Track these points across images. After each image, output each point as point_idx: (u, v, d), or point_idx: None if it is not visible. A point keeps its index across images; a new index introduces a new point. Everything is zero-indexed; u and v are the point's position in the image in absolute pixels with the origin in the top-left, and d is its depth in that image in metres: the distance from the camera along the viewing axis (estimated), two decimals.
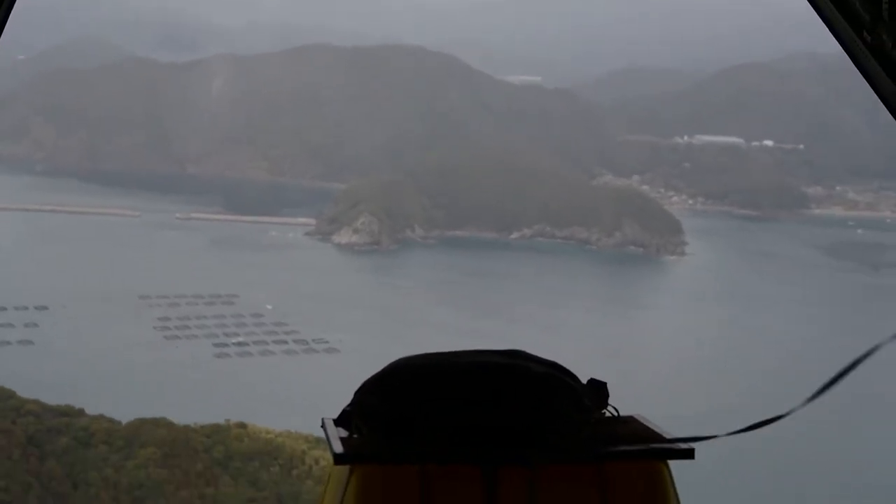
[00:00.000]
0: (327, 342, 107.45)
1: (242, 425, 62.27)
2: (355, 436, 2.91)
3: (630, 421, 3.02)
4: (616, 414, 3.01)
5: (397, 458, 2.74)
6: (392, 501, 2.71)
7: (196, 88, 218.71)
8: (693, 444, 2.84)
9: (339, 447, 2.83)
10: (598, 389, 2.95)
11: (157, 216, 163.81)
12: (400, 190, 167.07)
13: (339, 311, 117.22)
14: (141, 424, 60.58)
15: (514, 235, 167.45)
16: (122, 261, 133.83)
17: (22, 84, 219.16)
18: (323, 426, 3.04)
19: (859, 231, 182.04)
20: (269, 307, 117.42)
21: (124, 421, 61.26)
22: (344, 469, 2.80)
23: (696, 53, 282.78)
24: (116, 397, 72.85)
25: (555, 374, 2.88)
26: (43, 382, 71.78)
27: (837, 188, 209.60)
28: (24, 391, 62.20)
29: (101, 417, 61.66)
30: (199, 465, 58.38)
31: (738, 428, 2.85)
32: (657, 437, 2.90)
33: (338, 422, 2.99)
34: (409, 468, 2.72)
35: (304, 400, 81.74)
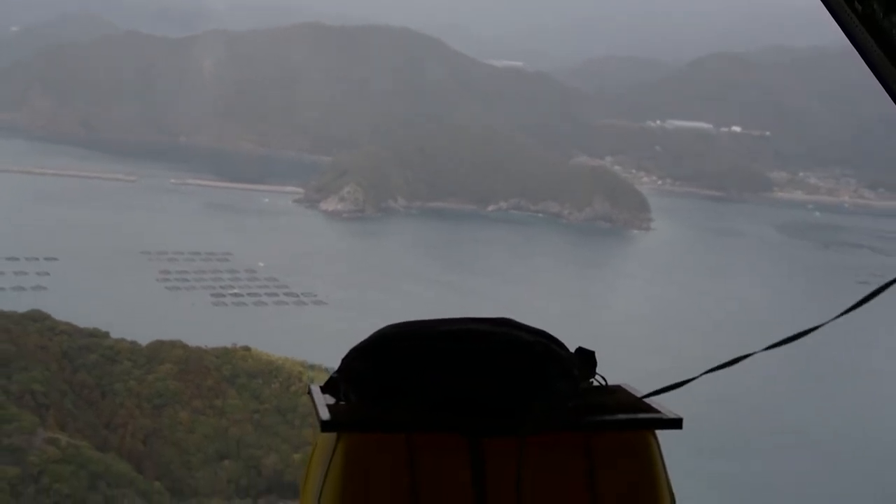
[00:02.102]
0: (315, 295, 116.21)
1: (247, 348, 71.11)
2: (342, 403, 2.90)
3: (618, 390, 3.02)
4: (604, 383, 3.01)
5: (384, 426, 2.74)
6: (379, 469, 2.71)
7: (188, 63, 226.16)
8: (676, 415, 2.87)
9: (325, 414, 2.81)
10: (586, 358, 2.95)
11: (152, 181, 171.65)
12: (384, 163, 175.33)
13: (326, 268, 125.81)
14: (160, 345, 69.13)
15: (491, 208, 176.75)
16: (122, 220, 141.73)
17: (19, 56, 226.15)
18: (309, 393, 3.01)
19: (817, 214, 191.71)
20: (261, 264, 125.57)
21: (144, 343, 69.64)
22: (331, 436, 2.79)
23: (675, 43, 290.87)
24: (127, 331, 79.03)
25: (543, 343, 2.86)
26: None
27: (800, 174, 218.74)
28: None
29: (123, 340, 70.04)
30: (210, 381, 66.72)
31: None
32: (645, 407, 2.92)
33: (325, 389, 2.97)
34: (397, 436, 2.73)
35: (294, 341, 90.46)
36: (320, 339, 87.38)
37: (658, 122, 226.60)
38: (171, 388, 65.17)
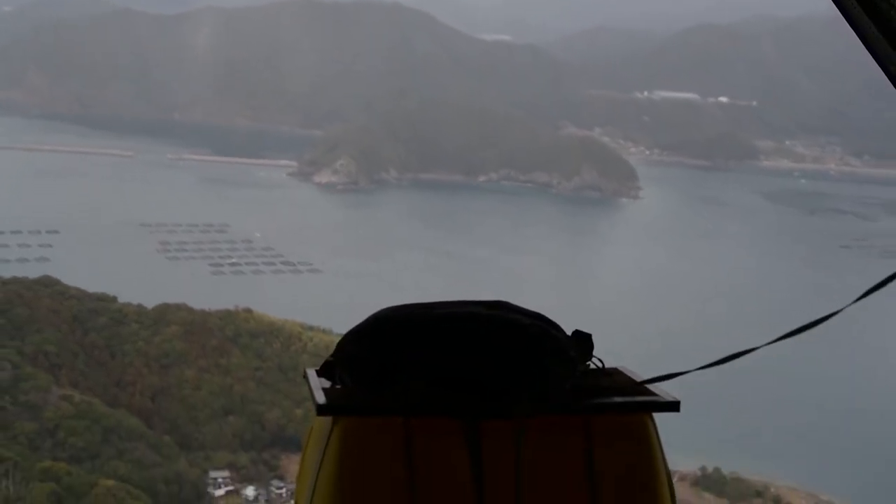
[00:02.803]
0: (311, 264, 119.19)
1: (249, 310, 74.29)
2: (338, 387, 2.86)
3: (614, 373, 2.99)
4: (601, 366, 2.97)
5: (381, 410, 2.71)
6: (375, 453, 2.68)
7: (182, 40, 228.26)
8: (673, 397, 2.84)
9: (321, 398, 2.77)
10: (582, 341, 2.89)
11: (149, 157, 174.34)
12: (375, 135, 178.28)
13: (322, 238, 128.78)
14: (165, 308, 72.20)
15: (481, 178, 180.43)
16: (121, 194, 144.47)
17: (14, 35, 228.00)
18: (305, 377, 2.96)
19: (803, 181, 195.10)
20: (257, 235, 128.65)
21: (150, 306, 72.65)
22: (326, 420, 2.77)
23: (664, 15, 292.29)
24: (128, 299, 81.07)
25: (539, 325, 2.82)
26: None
27: (787, 142, 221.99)
28: None
29: (130, 304, 73.02)
30: (214, 341, 69.84)
31: (704, 363, 2.91)
32: (642, 390, 2.89)
33: (321, 372, 2.92)
34: (393, 420, 2.70)
35: (291, 308, 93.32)
36: (317, 305, 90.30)
37: (646, 92, 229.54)
38: (178, 349, 68.28)
